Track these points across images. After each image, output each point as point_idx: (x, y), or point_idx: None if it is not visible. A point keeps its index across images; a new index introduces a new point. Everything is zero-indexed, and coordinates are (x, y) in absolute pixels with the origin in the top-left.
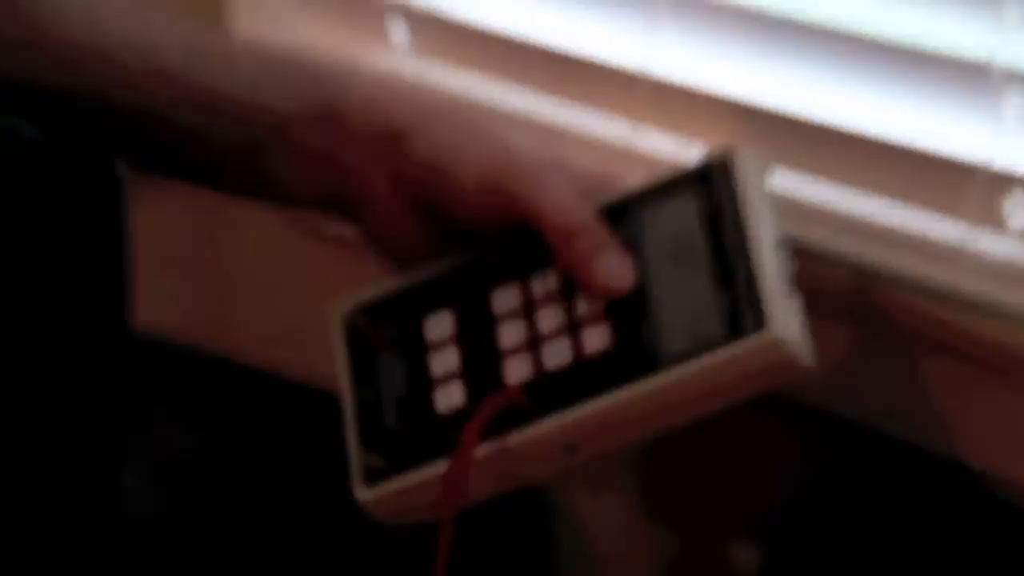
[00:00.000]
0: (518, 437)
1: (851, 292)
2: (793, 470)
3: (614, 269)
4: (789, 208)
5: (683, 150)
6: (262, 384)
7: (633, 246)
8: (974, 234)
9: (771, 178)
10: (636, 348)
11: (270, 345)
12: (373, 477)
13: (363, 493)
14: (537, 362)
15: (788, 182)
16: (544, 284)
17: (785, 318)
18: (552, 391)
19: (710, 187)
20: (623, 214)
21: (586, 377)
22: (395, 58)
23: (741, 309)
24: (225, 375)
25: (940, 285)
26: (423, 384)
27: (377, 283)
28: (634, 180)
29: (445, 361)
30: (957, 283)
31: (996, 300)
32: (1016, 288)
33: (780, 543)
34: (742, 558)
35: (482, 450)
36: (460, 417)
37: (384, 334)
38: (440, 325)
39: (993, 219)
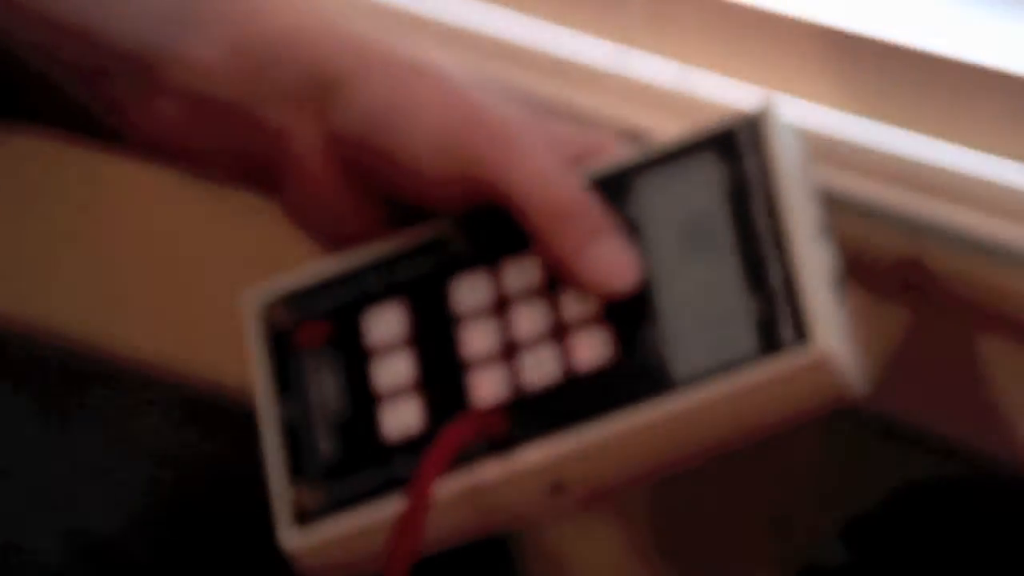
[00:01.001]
0: (490, 473)
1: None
2: (836, 490)
3: (613, 262)
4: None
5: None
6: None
7: (635, 232)
8: None
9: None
10: (641, 362)
11: (161, 347)
12: (303, 519)
13: (291, 539)
14: (513, 376)
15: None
16: (521, 273)
17: (832, 328)
18: (533, 414)
19: (734, 157)
20: (621, 190)
21: (577, 398)
22: None
23: (776, 316)
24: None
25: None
26: (365, 400)
27: (304, 268)
28: (645, 144)
29: (393, 371)
30: None
31: None
32: None
33: None
34: None
35: (443, 488)
36: (415, 445)
37: (314, 333)
38: (385, 324)
39: None
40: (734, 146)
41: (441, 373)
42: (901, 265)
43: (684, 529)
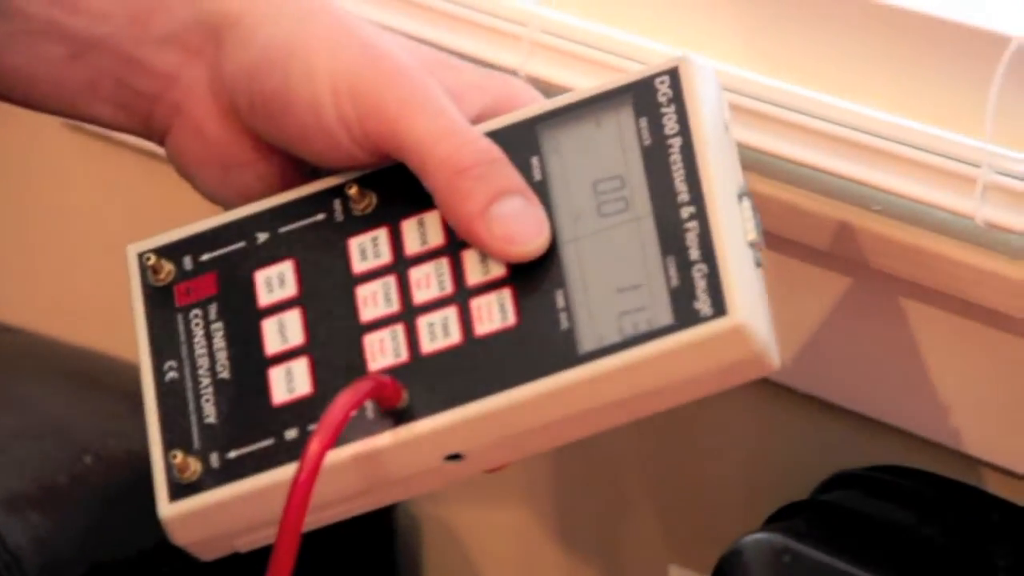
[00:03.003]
0: (384, 440)
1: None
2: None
3: (518, 223)
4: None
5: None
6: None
7: (543, 190)
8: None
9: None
10: (547, 330)
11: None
12: (183, 489)
13: (166, 508)
14: (410, 340)
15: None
16: (422, 233)
17: (750, 299)
18: (430, 381)
19: (651, 110)
20: (528, 145)
21: (477, 364)
22: None
23: (693, 284)
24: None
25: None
26: (253, 362)
27: (194, 224)
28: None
29: (284, 332)
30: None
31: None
32: None
33: None
34: None
35: (334, 456)
36: (305, 410)
37: (199, 290)
38: (277, 282)
39: None
40: (651, 98)
41: (334, 335)
42: (830, 231)
43: (592, 507)
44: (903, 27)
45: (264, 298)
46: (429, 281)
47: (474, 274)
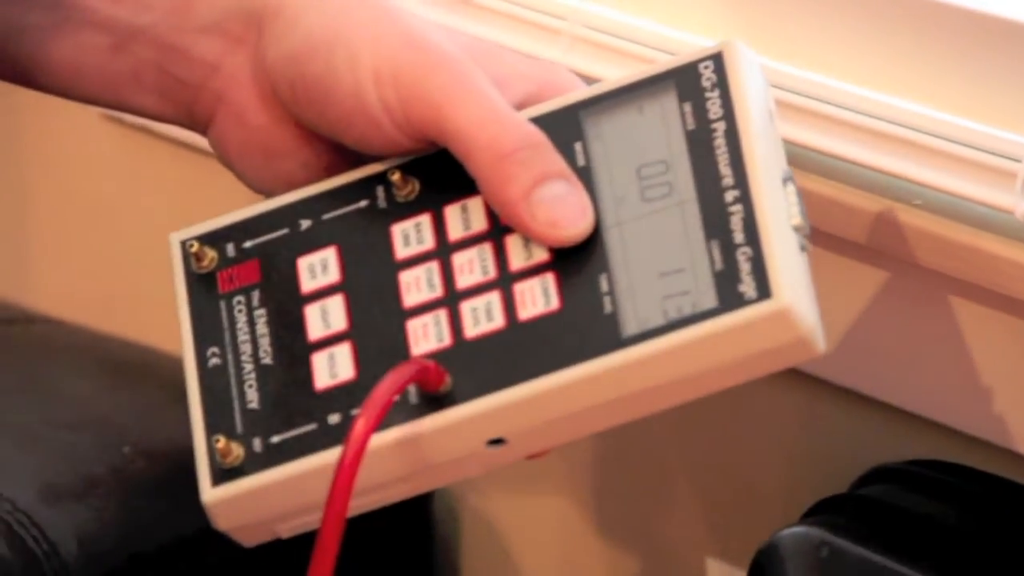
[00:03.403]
0: (426, 425)
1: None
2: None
3: (562, 207)
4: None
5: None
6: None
7: (587, 175)
8: None
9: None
10: (590, 314)
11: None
12: (226, 474)
13: (209, 493)
14: (454, 325)
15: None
16: (464, 218)
17: (795, 283)
18: (474, 365)
19: (696, 95)
20: (572, 130)
21: (521, 349)
22: None
23: (737, 268)
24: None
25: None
26: (296, 348)
27: (236, 211)
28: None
29: (327, 318)
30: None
31: None
32: None
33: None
34: None
35: (377, 440)
36: (348, 395)
37: (241, 277)
38: (320, 268)
39: None
40: (695, 84)
41: (377, 321)
42: (870, 225)
43: (631, 499)
44: (944, 22)
45: (307, 284)
46: (472, 266)
47: (517, 259)
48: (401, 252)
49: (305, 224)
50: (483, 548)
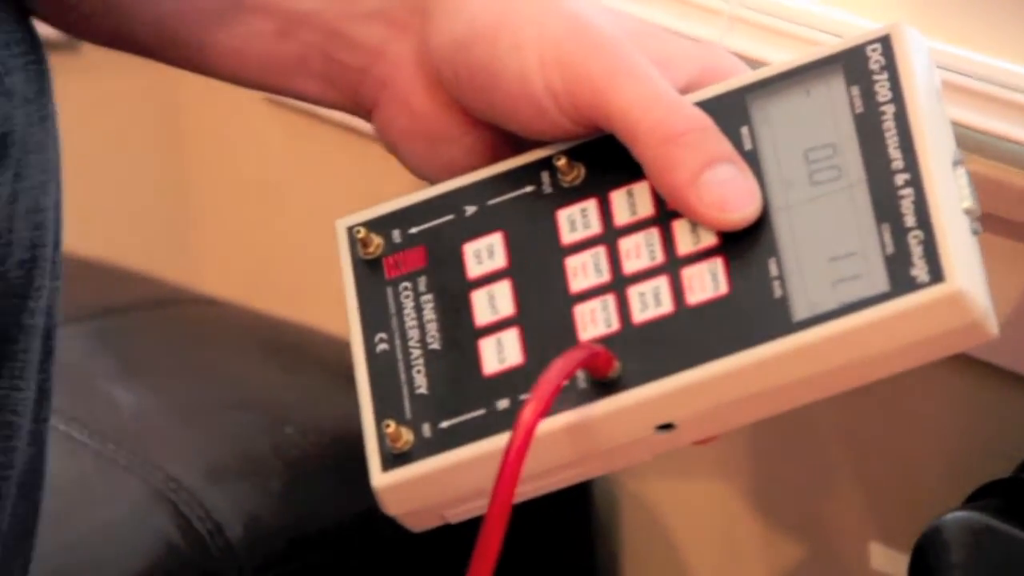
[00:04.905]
0: (595, 410)
1: None
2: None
3: (729, 191)
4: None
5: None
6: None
7: (754, 159)
8: None
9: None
10: (760, 298)
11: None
12: (394, 459)
13: (379, 478)
14: (621, 309)
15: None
16: (630, 203)
17: (967, 266)
18: (642, 350)
19: (864, 78)
20: (739, 114)
21: (690, 333)
22: None
23: (909, 251)
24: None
25: None
26: (464, 333)
27: (401, 197)
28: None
29: (495, 303)
30: None
31: None
32: None
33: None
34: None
35: (546, 425)
36: (516, 380)
37: (408, 263)
38: (486, 254)
39: None
40: (863, 66)
41: (544, 306)
42: None
43: (793, 483)
44: None
45: (473, 270)
46: (639, 251)
47: (685, 243)
48: (567, 237)
49: (470, 210)
50: (643, 533)
